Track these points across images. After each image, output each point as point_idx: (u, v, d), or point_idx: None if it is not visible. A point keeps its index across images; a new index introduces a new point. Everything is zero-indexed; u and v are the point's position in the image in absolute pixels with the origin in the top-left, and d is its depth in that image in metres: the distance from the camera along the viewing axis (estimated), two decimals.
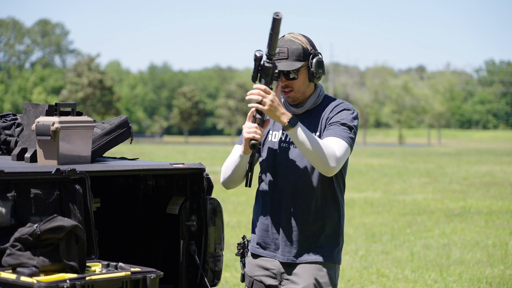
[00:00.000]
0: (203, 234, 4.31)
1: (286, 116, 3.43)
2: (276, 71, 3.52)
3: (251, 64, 3.57)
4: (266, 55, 3.47)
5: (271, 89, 3.49)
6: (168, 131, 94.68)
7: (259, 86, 3.42)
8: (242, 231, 11.77)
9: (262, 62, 3.47)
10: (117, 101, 70.31)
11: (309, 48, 3.59)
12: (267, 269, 3.69)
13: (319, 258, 3.59)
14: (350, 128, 3.55)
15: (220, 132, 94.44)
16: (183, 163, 4.27)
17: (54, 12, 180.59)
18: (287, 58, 3.55)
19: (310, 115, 3.64)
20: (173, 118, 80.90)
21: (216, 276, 4.37)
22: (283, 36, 3.61)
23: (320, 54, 3.62)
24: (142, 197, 4.76)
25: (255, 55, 3.48)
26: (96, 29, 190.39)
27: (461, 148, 58.78)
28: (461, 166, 30.59)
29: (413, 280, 8.25)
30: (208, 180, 4.34)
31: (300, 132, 3.42)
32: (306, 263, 3.60)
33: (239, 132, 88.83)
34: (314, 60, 3.58)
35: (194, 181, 4.36)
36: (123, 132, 4.43)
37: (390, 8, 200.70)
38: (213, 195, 4.43)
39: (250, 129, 3.48)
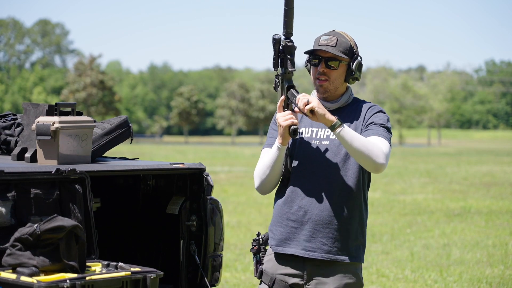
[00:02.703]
0: (203, 234, 4.31)
1: (332, 115, 3.38)
2: (318, 55, 3.49)
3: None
4: (284, 35, 3.41)
5: (290, 72, 3.41)
6: (168, 131, 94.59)
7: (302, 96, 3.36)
8: (242, 231, 11.76)
9: (283, 44, 3.39)
10: (118, 101, 70.25)
11: (355, 48, 3.57)
12: (291, 267, 3.59)
13: (347, 259, 3.54)
14: (389, 130, 3.55)
15: (220, 132, 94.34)
16: (183, 163, 4.27)
17: (54, 12, 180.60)
18: (334, 46, 3.51)
19: (341, 113, 3.58)
20: (173, 118, 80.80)
21: (216, 276, 4.37)
22: (333, 30, 3.59)
23: (361, 58, 3.60)
24: (142, 197, 4.76)
25: (274, 39, 3.40)
26: (96, 29, 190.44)
27: (461, 148, 58.75)
28: (461, 166, 30.57)
29: (413, 280, 8.25)
30: (208, 180, 4.34)
31: (348, 131, 3.38)
32: (336, 262, 3.54)
33: (240, 132, 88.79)
34: (356, 61, 3.54)
35: (194, 181, 4.36)
36: (123, 132, 4.43)
37: (390, 8, 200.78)
38: (213, 195, 4.43)
39: (285, 116, 3.42)
